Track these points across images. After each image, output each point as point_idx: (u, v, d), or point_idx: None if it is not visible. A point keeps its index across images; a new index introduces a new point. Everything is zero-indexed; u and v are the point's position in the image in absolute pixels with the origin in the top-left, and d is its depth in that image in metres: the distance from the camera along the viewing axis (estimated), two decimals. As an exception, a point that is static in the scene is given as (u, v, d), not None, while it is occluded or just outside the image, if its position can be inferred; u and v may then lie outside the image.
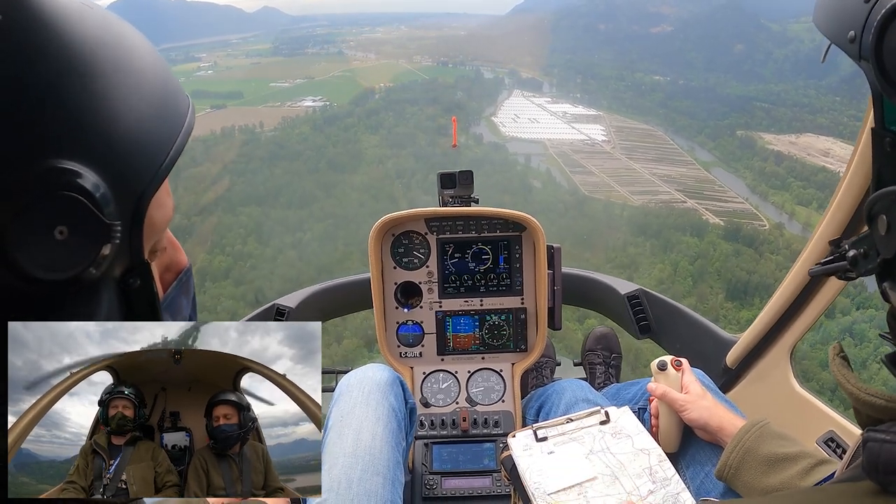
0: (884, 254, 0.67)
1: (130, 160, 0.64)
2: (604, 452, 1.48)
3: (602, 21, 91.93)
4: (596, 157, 54.19)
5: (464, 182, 2.37)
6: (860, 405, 0.72)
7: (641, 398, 2.05)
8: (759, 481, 1.48)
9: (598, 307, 3.03)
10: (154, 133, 0.67)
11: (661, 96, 69.00)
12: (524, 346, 2.39)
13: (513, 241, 2.33)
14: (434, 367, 2.38)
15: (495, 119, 61.81)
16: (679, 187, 48.92)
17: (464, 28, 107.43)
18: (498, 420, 2.24)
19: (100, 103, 0.62)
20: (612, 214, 42.09)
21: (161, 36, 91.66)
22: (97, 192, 0.59)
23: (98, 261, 0.61)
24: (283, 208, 38.96)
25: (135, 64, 0.67)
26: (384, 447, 1.68)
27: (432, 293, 2.37)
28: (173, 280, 0.82)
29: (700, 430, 1.72)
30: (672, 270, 32.23)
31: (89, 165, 0.59)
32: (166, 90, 0.71)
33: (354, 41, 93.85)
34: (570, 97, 72.59)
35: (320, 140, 52.95)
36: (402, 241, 2.34)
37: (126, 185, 0.63)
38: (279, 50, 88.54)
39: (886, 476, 0.65)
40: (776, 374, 2.25)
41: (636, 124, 63.13)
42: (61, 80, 0.59)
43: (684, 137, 59.34)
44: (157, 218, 0.71)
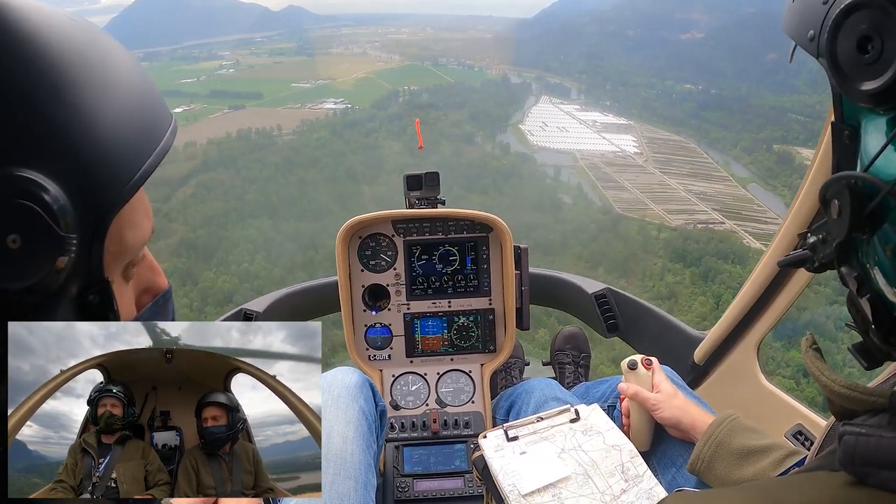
0: (836, 237, 0.69)
1: (95, 175, 0.62)
2: (576, 450, 1.49)
3: (630, 27, 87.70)
4: (628, 171, 50.23)
5: (430, 184, 2.32)
6: (834, 397, 0.73)
7: (611, 396, 2.01)
8: (732, 474, 1.47)
9: (566, 307, 2.97)
10: (125, 148, 0.65)
11: (693, 106, 64.86)
12: (493, 346, 2.36)
13: (480, 242, 2.31)
14: (403, 370, 2.34)
15: (523, 127, 57.86)
16: (716, 206, 45.05)
17: (490, 31, 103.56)
18: (468, 421, 2.22)
19: (69, 115, 0.60)
20: (648, 237, 38.18)
21: (184, 33, 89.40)
22: (55, 204, 0.58)
23: (52, 273, 0.59)
24: (295, 220, 35.53)
25: (112, 78, 0.65)
26: (355, 450, 1.64)
27: (400, 295, 2.34)
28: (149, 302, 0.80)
29: (672, 429, 1.70)
30: (714, 304, 28.59)
31: (51, 176, 0.58)
32: (144, 108, 0.69)
33: (379, 42, 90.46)
34: (599, 105, 68.65)
35: (339, 146, 49.45)
36: (368, 243, 2.30)
37: (88, 199, 0.61)
38: (303, 49, 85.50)
39: (863, 468, 0.66)
40: (744, 369, 2.23)
41: (668, 135, 59.14)
42: (29, 88, 0.58)
43: (718, 151, 55.31)
44: (130, 238, 0.69)
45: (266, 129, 53.18)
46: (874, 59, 0.63)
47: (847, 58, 0.66)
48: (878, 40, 0.63)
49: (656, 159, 53.60)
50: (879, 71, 0.63)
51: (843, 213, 0.66)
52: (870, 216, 0.64)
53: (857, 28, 0.65)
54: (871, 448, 0.65)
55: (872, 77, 0.64)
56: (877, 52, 0.63)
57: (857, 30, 0.65)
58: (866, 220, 0.65)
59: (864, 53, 0.65)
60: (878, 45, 0.63)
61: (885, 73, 0.62)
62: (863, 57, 0.65)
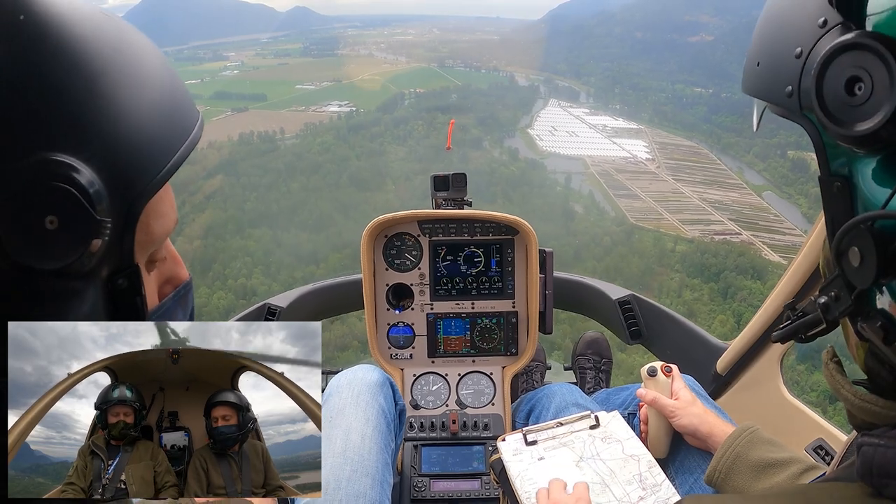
0: (860, 285, 0.66)
1: (129, 163, 0.64)
2: (594, 459, 1.49)
3: (638, 29, 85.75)
4: (641, 178, 48.24)
5: (457, 185, 2.34)
6: (854, 409, 0.72)
7: (631, 403, 1.97)
8: (749, 486, 1.44)
9: (590, 312, 2.87)
10: (156, 140, 0.67)
11: (704, 110, 63.02)
12: (515, 349, 2.33)
13: (505, 244, 2.30)
14: (424, 370, 2.34)
15: (531, 131, 55.90)
16: (732, 216, 43.12)
17: (497, 32, 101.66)
18: (487, 423, 2.20)
19: (104, 104, 0.62)
20: (664, 250, 36.21)
21: (191, 33, 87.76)
22: (91, 188, 0.59)
23: (87, 254, 0.61)
24: (296, 229, 33.64)
25: (144, 72, 0.68)
26: (373, 448, 1.63)
27: (424, 295, 2.32)
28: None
29: (690, 437, 1.67)
30: (735, 323, 26.68)
31: (86, 162, 0.60)
32: (174, 101, 0.71)
33: (385, 43, 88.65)
34: (609, 108, 66.73)
35: (343, 151, 47.63)
36: (394, 242, 2.30)
37: (121, 186, 0.63)
38: (309, 50, 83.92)
39: (881, 479, 0.65)
40: (766, 381, 2.21)
41: (680, 140, 57.26)
42: (65, 77, 0.59)
43: (731, 157, 53.50)
44: (156, 228, 0.70)
45: (269, 133, 51.56)
46: (864, 100, 0.62)
47: (836, 102, 0.65)
48: (867, 80, 0.62)
49: (668, 165, 51.67)
50: (871, 111, 0.62)
51: (867, 258, 0.63)
52: (894, 256, 0.62)
53: (843, 71, 0.64)
54: (890, 459, 0.64)
55: (865, 118, 0.62)
56: (867, 93, 0.62)
57: (844, 73, 0.64)
58: (892, 259, 0.62)
59: (852, 95, 0.64)
60: (867, 85, 0.62)
61: (878, 111, 0.61)
62: (852, 99, 0.64)
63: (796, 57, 0.70)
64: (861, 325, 0.68)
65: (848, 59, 0.63)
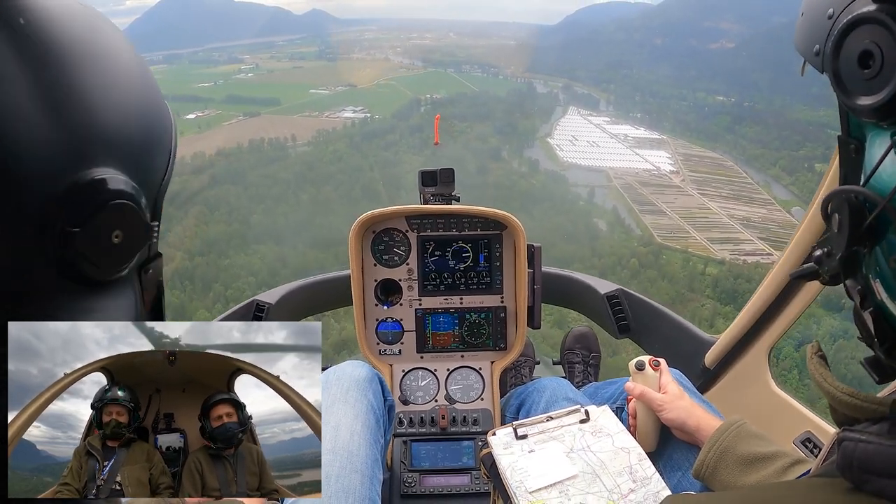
0: (836, 251, 0.68)
1: (147, 159, 0.65)
2: (584, 451, 1.48)
3: (658, 35, 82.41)
4: (666, 192, 45.19)
5: (445, 180, 2.30)
6: (836, 404, 0.72)
7: (619, 397, 1.98)
8: (736, 480, 1.43)
9: (578, 306, 2.92)
10: (157, 136, 0.68)
11: (728, 120, 59.67)
12: (503, 344, 2.33)
13: (493, 239, 2.28)
14: (413, 365, 2.32)
15: (551, 141, 52.93)
16: (761, 234, 40.01)
17: (514, 37, 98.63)
18: (477, 418, 2.18)
19: (118, 111, 0.61)
20: (693, 273, 33.21)
21: (207, 35, 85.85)
22: (139, 197, 0.61)
23: (141, 258, 0.63)
24: (304, 247, 31.16)
25: (129, 68, 0.66)
26: (362, 444, 1.62)
27: (412, 291, 2.31)
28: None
29: (677, 430, 1.66)
30: (774, 358, 23.78)
31: (119, 169, 0.60)
32: (156, 94, 0.70)
33: (402, 47, 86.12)
34: (630, 117, 63.61)
35: (356, 160, 45.06)
36: (382, 238, 2.28)
37: (147, 183, 0.64)
38: (324, 54, 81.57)
39: (861, 475, 0.65)
40: (754, 375, 2.19)
41: (704, 152, 54.10)
42: (77, 83, 0.57)
43: (756, 170, 50.17)
44: None
45: (280, 140, 49.18)
46: (874, 75, 0.62)
47: (849, 73, 0.65)
48: (878, 55, 0.62)
49: (693, 178, 48.59)
50: (879, 86, 0.62)
51: (843, 227, 0.65)
52: (868, 230, 0.63)
53: (858, 44, 0.63)
54: (870, 455, 0.64)
55: (872, 92, 0.62)
56: (877, 68, 0.62)
57: (859, 45, 0.63)
58: (865, 233, 0.63)
59: (864, 69, 0.63)
60: (878, 61, 0.62)
61: (884, 88, 0.61)
62: (863, 72, 0.63)
63: (828, 17, 0.68)
64: (846, 283, 0.70)
65: (865, 31, 0.62)
